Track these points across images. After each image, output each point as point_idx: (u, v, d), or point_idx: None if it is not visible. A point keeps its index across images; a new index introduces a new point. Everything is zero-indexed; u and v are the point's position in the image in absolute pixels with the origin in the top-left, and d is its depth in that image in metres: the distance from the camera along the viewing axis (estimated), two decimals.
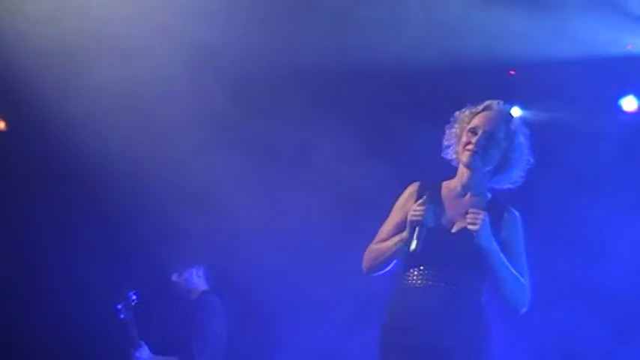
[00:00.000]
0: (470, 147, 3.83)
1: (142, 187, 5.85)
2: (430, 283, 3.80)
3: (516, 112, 6.10)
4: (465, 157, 3.85)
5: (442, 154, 4.01)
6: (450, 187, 3.96)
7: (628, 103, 6.27)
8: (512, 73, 6.06)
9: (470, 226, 3.71)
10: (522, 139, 3.91)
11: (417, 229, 3.73)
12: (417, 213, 3.75)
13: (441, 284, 3.79)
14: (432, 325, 3.77)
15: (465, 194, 3.91)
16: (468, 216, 3.74)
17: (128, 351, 5.55)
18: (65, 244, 6.27)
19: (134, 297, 5.61)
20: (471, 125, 3.88)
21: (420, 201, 3.80)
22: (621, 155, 6.07)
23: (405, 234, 3.79)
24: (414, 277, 3.84)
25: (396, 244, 3.83)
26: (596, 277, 5.88)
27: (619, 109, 6.27)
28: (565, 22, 5.73)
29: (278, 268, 5.99)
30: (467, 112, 3.95)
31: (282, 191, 5.94)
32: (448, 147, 3.99)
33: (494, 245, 3.74)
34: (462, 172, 3.91)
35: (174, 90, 5.74)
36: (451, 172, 3.97)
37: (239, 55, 5.75)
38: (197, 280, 5.67)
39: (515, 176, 3.92)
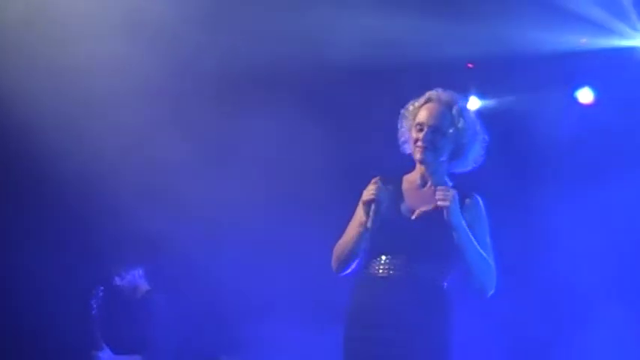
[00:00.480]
0: (419, 144, 3.85)
1: (90, 185, 5.81)
2: (392, 272, 3.80)
3: (474, 103, 6.22)
4: (416, 154, 3.87)
5: (401, 150, 4.02)
6: (410, 180, 3.97)
7: (583, 95, 6.39)
8: (470, 66, 6.16)
9: (440, 202, 3.70)
10: (470, 120, 3.90)
11: (372, 207, 3.74)
12: (370, 192, 3.77)
13: (403, 273, 3.78)
14: (394, 315, 3.76)
15: (425, 185, 3.92)
16: (437, 193, 3.74)
17: (89, 352, 5.56)
18: (17, 241, 6.12)
19: (101, 293, 5.62)
20: (417, 121, 3.88)
21: (373, 180, 3.81)
22: (577, 147, 6.18)
23: (363, 218, 3.80)
24: (376, 267, 3.84)
25: (357, 230, 3.83)
26: (541, 265, 6.00)
27: (575, 101, 6.39)
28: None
29: (237, 263, 5.99)
30: (410, 107, 3.96)
31: (235, 185, 5.93)
32: (404, 143, 3.99)
33: (464, 223, 3.75)
34: (419, 166, 3.94)
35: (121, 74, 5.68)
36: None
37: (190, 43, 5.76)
38: (139, 280, 5.76)
39: (472, 158, 3.92)
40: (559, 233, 5.98)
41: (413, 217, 3.84)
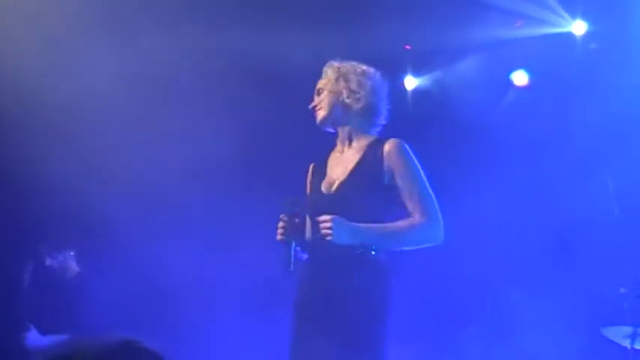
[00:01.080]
0: (313, 104, 3.97)
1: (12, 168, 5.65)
2: (322, 251, 3.74)
3: (410, 82, 6.30)
4: (317, 118, 3.95)
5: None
6: (335, 150, 3.99)
7: (518, 78, 6.49)
8: (408, 47, 6.23)
9: (327, 238, 3.64)
10: (355, 78, 3.92)
11: (290, 248, 3.69)
12: (279, 232, 3.75)
13: (333, 250, 3.69)
14: (320, 292, 3.75)
15: (344, 149, 3.93)
16: (320, 226, 3.67)
17: (18, 334, 5.50)
18: None
19: (30, 269, 5.60)
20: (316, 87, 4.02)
21: (281, 217, 3.77)
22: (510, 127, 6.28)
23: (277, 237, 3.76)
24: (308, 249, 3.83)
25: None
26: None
27: (510, 83, 6.48)
28: None
29: (176, 250, 5.90)
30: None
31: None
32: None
33: (361, 235, 3.66)
34: (338, 132, 3.98)
35: None
36: None
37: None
38: (70, 261, 5.72)
39: (374, 111, 3.92)
40: (491, 215, 6.05)
41: (333, 191, 3.83)
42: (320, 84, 3.99)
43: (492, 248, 6.04)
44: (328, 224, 3.63)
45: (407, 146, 3.79)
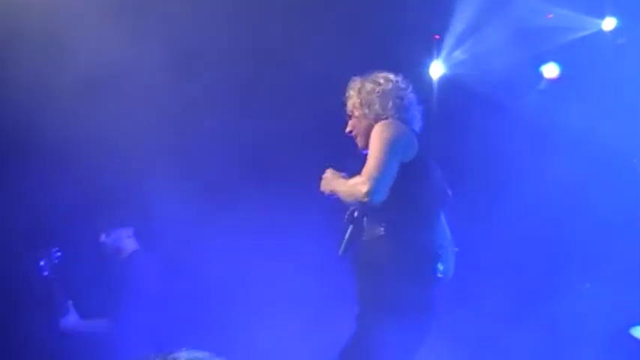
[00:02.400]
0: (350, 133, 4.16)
1: (69, 143, 5.55)
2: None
3: (437, 71, 6.31)
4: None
5: None
6: None
7: (549, 70, 6.46)
8: (437, 37, 6.23)
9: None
10: (377, 99, 4.07)
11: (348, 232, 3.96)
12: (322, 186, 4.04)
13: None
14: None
15: None
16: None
17: (54, 316, 5.34)
18: None
19: (57, 254, 5.37)
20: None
21: (330, 171, 4.08)
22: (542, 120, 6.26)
23: None
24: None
25: None
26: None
27: (540, 75, 6.44)
28: None
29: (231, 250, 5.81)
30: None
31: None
32: None
33: (333, 189, 3.96)
34: None
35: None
36: None
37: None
38: (127, 240, 5.49)
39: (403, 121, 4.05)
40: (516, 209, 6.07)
41: None
42: (349, 106, 4.16)
43: (523, 243, 6.07)
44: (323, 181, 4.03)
45: (384, 123, 3.96)
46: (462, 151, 5.90)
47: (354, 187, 3.78)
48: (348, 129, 4.13)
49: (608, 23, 6.17)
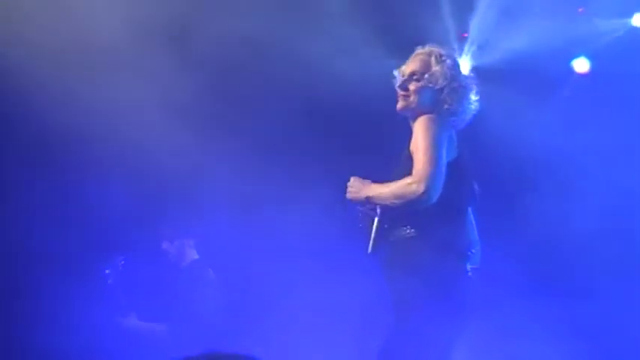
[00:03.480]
0: (399, 93, 3.91)
1: (135, 151, 5.56)
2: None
3: (465, 65, 6.23)
4: (398, 104, 3.93)
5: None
6: None
7: (580, 65, 6.40)
8: (465, 35, 6.19)
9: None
10: (449, 65, 3.91)
11: (371, 229, 3.83)
12: (349, 194, 3.92)
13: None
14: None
15: None
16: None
17: (114, 318, 5.48)
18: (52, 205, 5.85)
19: (122, 262, 5.55)
20: (400, 72, 3.97)
21: (354, 178, 3.95)
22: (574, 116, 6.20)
23: None
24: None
25: None
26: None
27: (571, 70, 6.39)
28: None
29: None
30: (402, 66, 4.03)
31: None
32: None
33: (369, 194, 3.82)
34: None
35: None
36: None
37: None
38: (188, 249, 5.64)
39: (461, 108, 3.90)
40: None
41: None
42: (417, 67, 3.96)
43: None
44: (351, 188, 3.88)
45: (430, 118, 3.77)
46: (487, 149, 5.85)
47: (406, 187, 3.65)
48: (399, 89, 3.90)
49: (638, 19, 6.08)
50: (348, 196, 3.86)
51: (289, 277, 5.79)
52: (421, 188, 3.60)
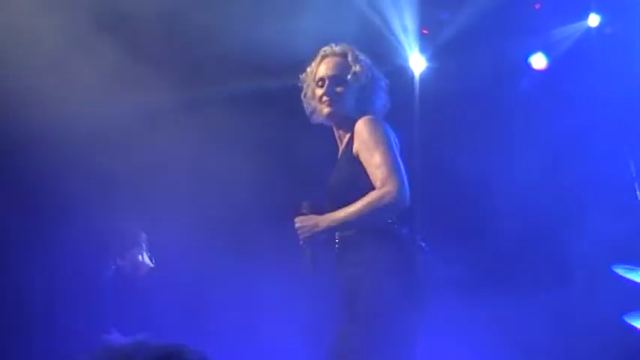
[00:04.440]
0: (324, 99, 3.79)
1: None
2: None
3: (419, 63, 6.31)
4: (323, 109, 3.80)
5: (312, 122, 3.95)
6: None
7: (537, 61, 6.43)
8: (425, 32, 6.22)
9: (303, 240, 3.70)
10: (366, 64, 3.83)
11: (309, 253, 3.71)
12: (303, 235, 3.71)
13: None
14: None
15: (342, 143, 3.84)
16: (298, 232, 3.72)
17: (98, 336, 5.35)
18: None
19: (114, 267, 5.57)
20: (317, 78, 3.84)
21: (300, 218, 3.73)
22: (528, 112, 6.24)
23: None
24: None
25: None
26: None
27: (528, 66, 6.42)
28: None
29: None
30: (308, 69, 3.92)
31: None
32: (312, 113, 3.92)
33: (331, 220, 3.65)
34: (332, 127, 3.88)
35: None
36: None
37: None
38: (141, 259, 5.61)
39: (379, 103, 3.84)
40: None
41: (328, 187, 3.78)
42: (334, 69, 3.85)
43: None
44: (302, 229, 3.69)
45: (371, 120, 3.68)
46: (444, 149, 5.91)
47: (380, 197, 3.51)
48: (328, 95, 3.76)
49: (593, 20, 6.16)
50: (304, 237, 3.68)
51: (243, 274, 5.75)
52: (396, 193, 3.49)
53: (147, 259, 5.64)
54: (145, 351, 1.87)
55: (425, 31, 6.16)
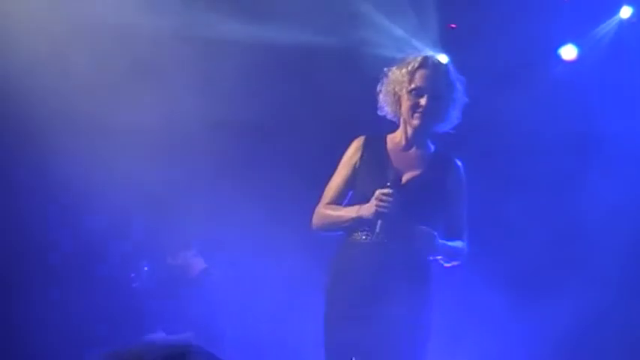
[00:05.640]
0: (420, 110, 3.84)
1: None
2: (377, 238, 3.78)
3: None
4: (414, 120, 3.85)
5: (378, 112, 4.02)
6: (394, 140, 3.97)
7: (567, 52, 6.31)
8: (453, 26, 6.10)
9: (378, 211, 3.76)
10: (461, 85, 3.95)
11: (379, 222, 3.75)
12: (384, 205, 3.75)
13: (386, 240, 3.78)
14: (375, 285, 3.78)
15: (410, 148, 3.93)
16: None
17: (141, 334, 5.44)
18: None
19: (146, 268, 5.63)
20: (413, 86, 3.85)
21: (387, 191, 3.76)
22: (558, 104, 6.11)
23: (362, 211, 3.80)
24: (360, 233, 3.84)
25: (353, 219, 3.84)
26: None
27: (558, 58, 6.30)
28: None
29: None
30: (402, 69, 3.91)
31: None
32: (385, 105, 3.97)
33: (440, 251, 3.84)
34: (407, 129, 3.92)
35: None
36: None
37: None
38: (193, 259, 5.64)
39: (453, 119, 3.96)
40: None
41: (402, 183, 3.83)
42: (440, 85, 3.94)
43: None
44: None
45: None
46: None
47: (464, 252, 3.96)
48: (427, 109, 3.86)
49: (626, 11, 6.02)
50: (382, 208, 3.77)
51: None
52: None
53: (198, 259, 5.63)
54: (153, 351, 1.85)
55: (453, 25, 6.06)
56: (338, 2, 5.68)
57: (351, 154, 3.98)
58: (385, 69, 3.99)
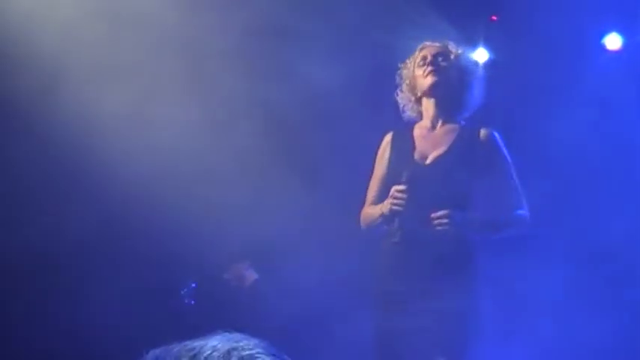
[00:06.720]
0: (431, 68, 3.90)
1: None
2: (409, 234, 3.79)
3: (483, 55, 6.01)
4: (427, 80, 3.90)
5: (402, 116, 4.05)
6: (421, 126, 4.00)
7: (611, 41, 6.19)
8: (494, 18, 6.00)
9: (439, 228, 3.74)
10: (465, 54, 4.06)
11: (396, 221, 3.78)
12: (397, 202, 3.78)
13: (407, 235, 3.79)
14: (418, 279, 3.78)
15: (436, 126, 3.95)
16: (433, 222, 3.76)
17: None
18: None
19: (193, 286, 5.67)
20: (420, 59, 3.97)
21: (401, 187, 3.78)
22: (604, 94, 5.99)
23: (383, 208, 3.84)
24: (392, 233, 3.86)
25: (379, 217, 3.89)
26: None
27: (602, 47, 6.18)
28: None
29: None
30: (407, 62, 4.04)
31: None
32: (406, 102, 4.03)
33: (472, 225, 3.81)
34: (427, 106, 3.95)
35: None
36: None
37: None
38: (246, 272, 5.71)
39: (476, 94, 4.01)
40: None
41: (427, 163, 3.85)
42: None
43: None
44: (443, 215, 3.74)
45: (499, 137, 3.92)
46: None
47: (526, 222, 3.96)
48: (433, 66, 3.92)
49: None
50: (398, 206, 3.78)
51: None
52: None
53: (251, 272, 5.68)
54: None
55: (494, 17, 5.97)
56: None
57: (382, 151, 4.04)
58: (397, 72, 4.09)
